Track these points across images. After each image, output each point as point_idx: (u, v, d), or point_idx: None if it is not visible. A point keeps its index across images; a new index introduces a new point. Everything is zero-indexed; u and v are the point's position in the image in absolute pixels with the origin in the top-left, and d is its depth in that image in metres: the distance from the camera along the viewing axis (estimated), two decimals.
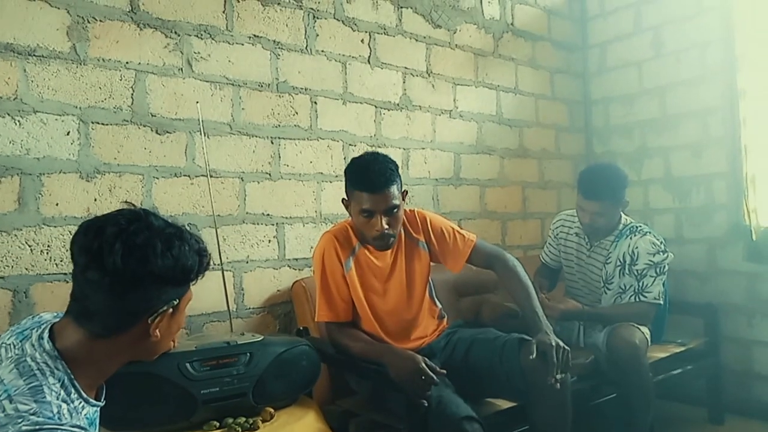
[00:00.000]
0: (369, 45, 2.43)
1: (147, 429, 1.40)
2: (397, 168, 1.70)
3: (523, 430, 1.75)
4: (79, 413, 0.86)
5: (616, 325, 2.14)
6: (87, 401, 0.89)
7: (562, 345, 1.60)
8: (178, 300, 0.94)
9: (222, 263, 1.86)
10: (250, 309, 2.09)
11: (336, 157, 2.33)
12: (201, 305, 1.95)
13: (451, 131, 2.72)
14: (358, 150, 2.38)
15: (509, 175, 2.96)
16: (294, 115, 2.21)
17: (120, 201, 1.78)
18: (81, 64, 1.76)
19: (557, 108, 3.22)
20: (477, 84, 2.83)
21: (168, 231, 0.92)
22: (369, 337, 1.75)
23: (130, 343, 0.92)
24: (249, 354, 1.52)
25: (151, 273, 0.88)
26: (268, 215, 2.14)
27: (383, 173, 1.64)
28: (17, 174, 1.65)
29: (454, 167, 2.73)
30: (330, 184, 2.31)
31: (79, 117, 1.75)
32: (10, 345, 0.89)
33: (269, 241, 2.15)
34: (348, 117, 2.36)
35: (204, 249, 0.96)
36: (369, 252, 1.79)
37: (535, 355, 1.57)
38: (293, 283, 2.14)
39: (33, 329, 0.91)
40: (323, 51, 2.29)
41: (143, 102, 1.87)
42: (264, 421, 1.48)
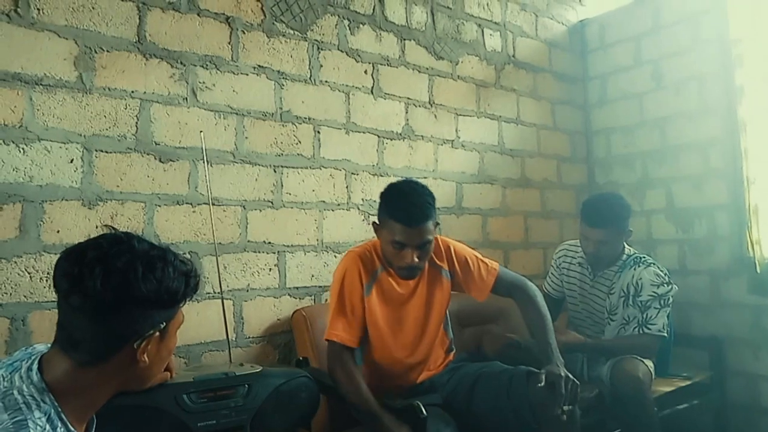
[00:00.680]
0: (372, 76, 2.46)
1: None
2: (434, 201, 1.67)
3: None
4: None
5: (619, 358, 2.11)
6: None
7: (571, 377, 1.59)
8: (165, 324, 0.92)
9: (222, 292, 1.85)
10: (249, 338, 2.07)
11: (338, 186, 2.33)
12: (200, 334, 1.93)
13: (454, 161, 2.74)
14: (360, 179, 2.39)
15: (511, 205, 2.96)
16: (297, 144, 2.22)
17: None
18: (87, 93, 1.78)
19: (559, 138, 3.24)
20: (479, 114, 2.86)
21: (151, 253, 0.90)
22: (365, 388, 1.64)
23: (117, 371, 0.90)
24: (247, 386, 1.50)
25: (133, 296, 0.86)
26: (269, 243, 2.13)
27: (422, 207, 1.61)
28: (19, 201, 1.65)
29: (456, 197, 2.73)
30: (332, 212, 2.31)
31: (83, 145, 1.77)
32: (0, 377, 0.88)
33: (270, 270, 2.13)
34: (351, 146, 2.38)
35: (191, 271, 0.94)
36: (391, 277, 1.76)
37: (544, 384, 1.56)
38: (293, 313, 2.12)
39: (23, 361, 0.90)
40: (327, 81, 2.32)
41: (147, 130, 1.89)
42: None
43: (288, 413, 1.54)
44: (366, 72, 2.44)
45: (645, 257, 2.24)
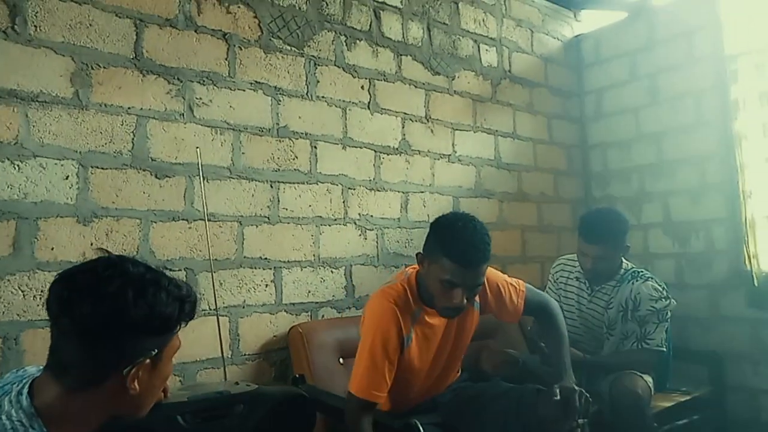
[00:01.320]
0: (369, 91, 2.47)
1: None
2: (491, 239, 1.57)
3: None
4: None
5: (618, 374, 2.09)
6: None
7: (584, 392, 1.60)
8: (157, 350, 0.89)
9: (217, 308, 1.83)
10: (245, 355, 2.05)
11: (335, 201, 2.33)
12: (195, 352, 1.90)
13: (450, 175, 2.74)
14: (357, 194, 2.39)
15: (508, 219, 2.96)
16: (294, 160, 2.22)
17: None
18: (83, 109, 1.77)
19: (555, 152, 3.25)
20: (475, 129, 2.87)
21: (144, 278, 0.88)
22: None
23: (107, 398, 0.88)
24: (242, 405, 1.48)
25: (123, 322, 0.84)
26: (265, 259, 2.12)
27: (483, 250, 1.52)
28: (13, 218, 1.64)
29: (452, 211, 2.72)
30: (329, 227, 2.30)
31: (79, 161, 1.76)
32: None
33: (266, 286, 2.12)
34: (348, 161, 2.38)
35: (186, 296, 0.92)
36: (428, 315, 1.65)
37: (559, 398, 1.56)
38: (290, 329, 2.10)
39: (14, 384, 0.88)
40: (324, 97, 2.32)
41: (144, 146, 1.88)
42: None
43: None
44: (363, 87, 2.45)
45: (643, 272, 2.23)
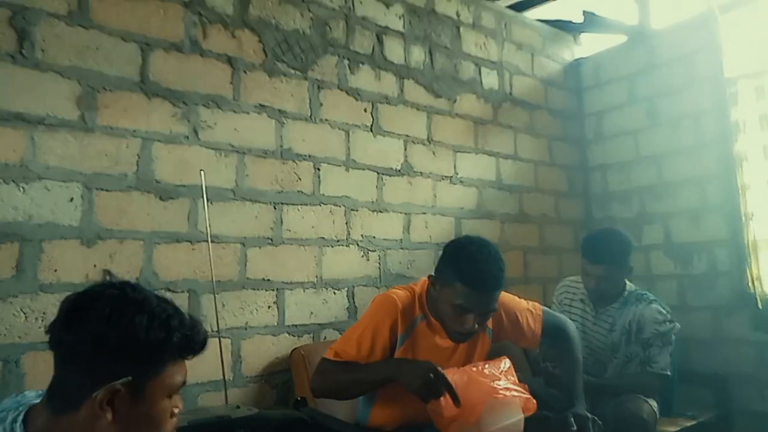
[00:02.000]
0: (371, 114, 2.49)
1: None
2: (505, 265, 1.54)
3: None
4: None
5: (623, 398, 2.07)
6: None
7: (597, 420, 1.61)
8: (133, 378, 0.82)
9: (219, 330, 1.82)
10: (247, 378, 2.03)
11: (338, 222, 2.33)
12: (196, 374, 1.89)
13: (452, 197, 2.75)
14: (360, 215, 2.39)
15: (510, 240, 2.96)
16: (297, 181, 2.23)
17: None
18: (88, 132, 1.79)
19: (556, 174, 3.27)
20: (477, 151, 2.88)
21: (129, 300, 0.84)
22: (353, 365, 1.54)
23: (87, 424, 0.82)
24: (243, 430, 1.47)
25: (94, 342, 0.81)
26: (268, 281, 2.12)
27: (498, 276, 1.49)
28: (17, 240, 1.64)
29: (455, 232, 2.73)
30: (331, 249, 2.30)
31: (84, 183, 1.77)
32: None
33: (269, 307, 2.11)
34: (350, 183, 2.39)
35: (177, 326, 0.85)
36: (431, 329, 1.61)
37: (575, 428, 1.57)
38: (292, 351, 2.09)
39: (11, 410, 0.87)
40: (327, 119, 2.34)
41: (148, 169, 1.89)
42: None
43: None
44: (365, 110, 2.48)
45: (647, 294, 2.23)
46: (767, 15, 2.70)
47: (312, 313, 2.22)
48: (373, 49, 2.53)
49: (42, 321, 1.66)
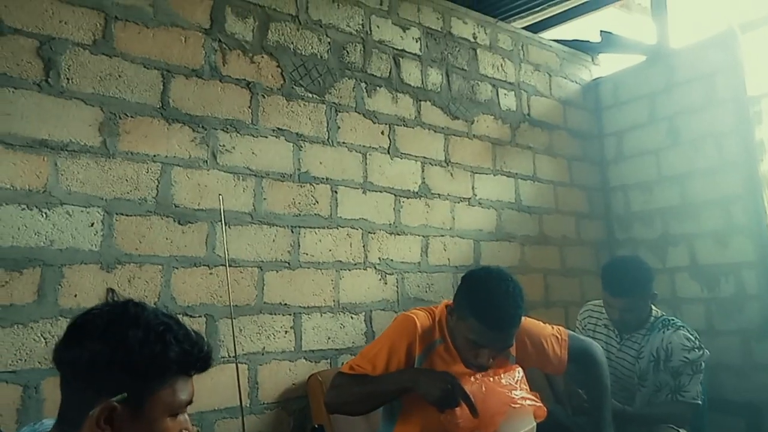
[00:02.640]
0: (389, 136, 2.49)
1: None
2: (524, 300, 1.48)
3: None
4: None
5: (653, 428, 2.00)
6: None
7: None
8: (129, 394, 0.79)
9: (237, 356, 1.81)
10: (264, 404, 2.01)
11: (355, 245, 2.32)
12: (213, 401, 1.87)
13: (471, 218, 2.72)
14: (377, 238, 2.38)
15: (530, 262, 2.92)
16: (314, 204, 2.23)
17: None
18: (110, 157, 1.81)
19: (576, 195, 3.22)
20: (495, 172, 2.86)
21: (127, 315, 0.82)
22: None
23: None
24: None
25: (83, 357, 0.79)
26: (285, 305, 2.10)
27: (514, 315, 1.44)
28: (39, 265, 1.65)
29: (474, 254, 2.69)
30: (349, 272, 2.28)
31: (104, 208, 1.78)
32: None
33: (286, 332, 2.09)
34: (368, 205, 2.38)
35: (175, 341, 0.82)
36: (449, 354, 1.56)
37: None
38: (309, 377, 2.06)
39: None
40: (344, 142, 2.35)
41: (168, 193, 1.91)
42: None
43: None
44: (383, 132, 2.48)
45: (674, 320, 2.15)
46: None
47: (329, 338, 2.19)
48: (390, 72, 2.54)
49: None
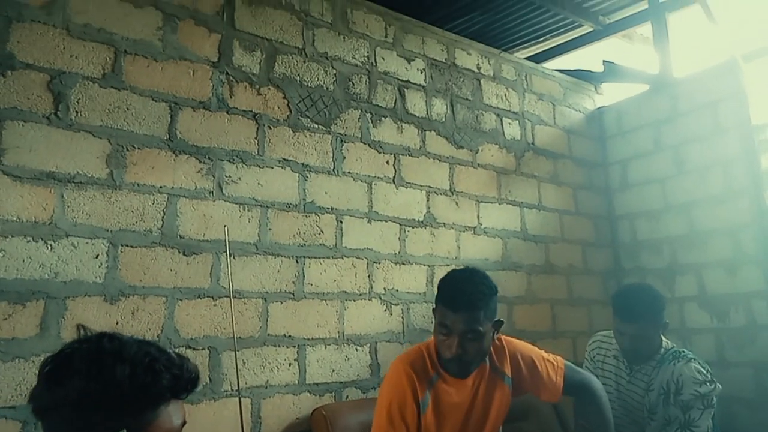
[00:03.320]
0: (394, 166, 2.50)
1: None
2: (492, 294, 1.55)
3: None
4: None
5: None
6: None
7: None
8: (127, 430, 0.78)
9: (240, 389, 1.78)
10: None
11: (360, 275, 2.30)
12: None
13: (476, 247, 2.70)
14: (382, 267, 2.36)
15: (537, 292, 2.89)
16: (319, 234, 2.22)
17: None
18: (116, 189, 1.82)
19: (582, 223, 3.21)
20: (500, 201, 2.86)
21: (104, 350, 0.80)
22: None
23: None
24: None
25: (70, 399, 0.77)
26: (289, 336, 2.08)
27: (470, 295, 1.51)
28: (42, 298, 1.65)
29: None
30: (353, 303, 2.26)
31: (110, 240, 1.78)
32: None
33: (290, 365, 2.07)
34: (373, 235, 2.37)
35: (164, 368, 0.81)
36: (447, 384, 1.59)
37: None
38: (313, 411, 2.02)
39: None
40: (350, 172, 2.35)
41: (173, 224, 1.91)
42: None
43: None
44: (388, 162, 2.48)
45: (685, 352, 2.12)
46: None
47: (334, 371, 2.16)
48: (395, 103, 2.56)
49: None
